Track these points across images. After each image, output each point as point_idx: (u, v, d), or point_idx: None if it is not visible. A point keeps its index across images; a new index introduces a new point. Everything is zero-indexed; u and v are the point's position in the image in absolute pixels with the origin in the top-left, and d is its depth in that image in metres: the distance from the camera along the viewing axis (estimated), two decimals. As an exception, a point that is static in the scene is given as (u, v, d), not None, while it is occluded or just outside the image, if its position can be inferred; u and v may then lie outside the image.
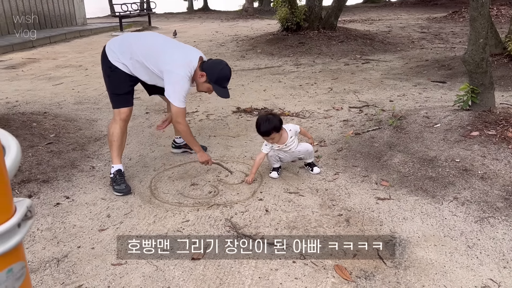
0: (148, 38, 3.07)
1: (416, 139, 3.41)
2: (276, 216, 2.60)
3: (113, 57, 2.94)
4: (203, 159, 3.13)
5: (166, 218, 2.62)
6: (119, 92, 3.03)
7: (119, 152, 3.07)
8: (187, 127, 3.02)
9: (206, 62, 2.98)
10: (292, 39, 9.08)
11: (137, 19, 14.95)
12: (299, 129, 3.15)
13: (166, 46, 2.97)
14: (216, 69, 2.93)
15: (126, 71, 2.97)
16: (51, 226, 2.56)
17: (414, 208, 2.64)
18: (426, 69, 6.51)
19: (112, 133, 3.04)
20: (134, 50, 2.92)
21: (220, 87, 2.99)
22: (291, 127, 3.09)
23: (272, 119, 2.94)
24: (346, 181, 3.04)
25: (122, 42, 3.00)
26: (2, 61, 8.42)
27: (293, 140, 3.08)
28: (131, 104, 3.10)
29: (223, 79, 2.97)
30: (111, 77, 3.00)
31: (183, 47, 3.03)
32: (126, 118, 3.07)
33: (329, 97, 5.22)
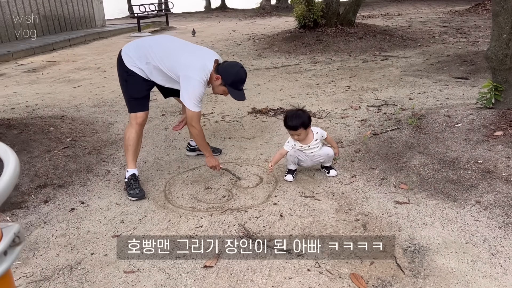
0: (164, 42, 3.04)
1: (436, 140, 3.30)
2: (290, 222, 2.55)
3: (129, 62, 2.94)
4: (211, 163, 3.09)
5: (180, 224, 2.59)
6: (137, 96, 3.03)
7: (134, 156, 3.07)
8: (200, 131, 2.99)
9: (221, 64, 2.95)
10: (309, 36, 8.97)
11: (155, 20, 15.05)
12: (326, 135, 3.09)
13: (182, 50, 2.95)
14: (231, 72, 2.91)
15: (142, 76, 2.96)
16: (65, 232, 2.56)
17: (434, 212, 2.55)
18: (447, 65, 6.33)
19: (128, 137, 3.04)
20: (150, 55, 2.91)
21: (235, 90, 2.96)
22: (318, 130, 3.04)
23: (301, 114, 2.91)
24: (363, 184, 2.96)
25: (138, 47, 2.99)
26: (23, 65, 8.58)
27: (317, 144, 3.02)
28: (147, 108, 3.09)
29: (238, 81, 2.94)
30: (129, 81, 3.00)
31: (198, 50, 3.01)
32: (142, 122, 3.07)
33: (346, 96, 5.12)
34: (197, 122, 2.94)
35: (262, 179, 3.15)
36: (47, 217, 2.74)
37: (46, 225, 2.65)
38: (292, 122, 2.91)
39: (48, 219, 2.70)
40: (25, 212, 2.79)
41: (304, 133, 2.94)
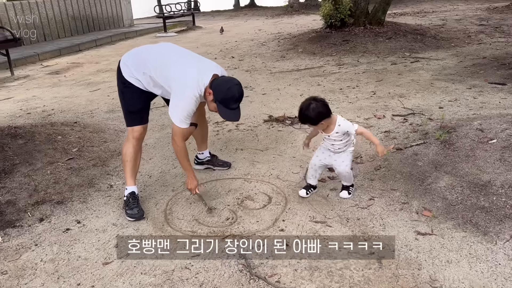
0: (164, 51, 2.85)
1: (466, 158, 2.95)
2: (297, 253, 2.30)
3: (127, 72, 2.77)
4: (188, 185, 2.84)
5: (176, 251, 2.38)
6: (133, 109, 2.85)
7: (133, 173, 2.90)
8: (182, 149, 2.74)
9: (216, 79, 2.68)
10: (336, 36, 8.61)
11: (182, 19, 14.98)
12: (355, 131, 2.64)
13: (179, 61, 2.73)
14: (223, 88, 2.60)
15: (140, 87, 2.78)
16: (55, 257, 2.40)
17: (461, 247, 2.23)
18: (483, 68, 5.87)
19: (125, 153, 2.87)
20: (146, 65, 2.73)
21: (225, 108, 2.64)
22: (341, 123, 2.62)
23: (308, 111, 2.54)
24: (381, 209, 2.67)
25: (136, 56, 2.82)
26: (48, 66, 8.63)
27: (340, 138, 2.66)
28: (145, 122, 2.91)
29: (229, 99, 2.61)
30: (125, 93, 2.83)
31: (197, 62, 2.77)
32: (139, 137, 2.89)
33: (371, 103, 4.79)
34: (180, 138, 2.70)
35: (271, 199, 2.90)
36: (39, 238, 2.58)
37: (37, 247, 2.49)
38: (299, 118, 2.65)
39: (40, 241, 2.55)
40: (18, 231, 2.65)
41: (324, 125, 2.60)
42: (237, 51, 9.07)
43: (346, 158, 2.72)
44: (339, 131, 2.64)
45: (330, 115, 2.59)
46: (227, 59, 8.15)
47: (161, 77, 2.67)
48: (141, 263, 2.30)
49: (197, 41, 10.99)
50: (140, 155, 2.94)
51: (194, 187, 2.84)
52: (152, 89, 2.78)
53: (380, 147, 2.65)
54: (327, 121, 2.59)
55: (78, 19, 12.76)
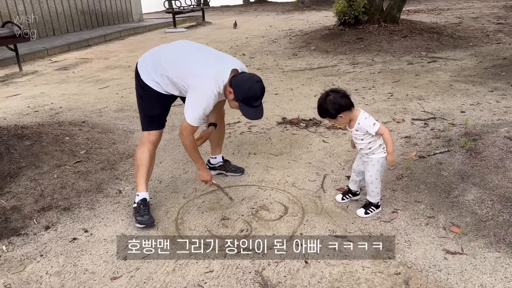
0: (177, 49, 2.71)
1: (496, 169, 2.78)
2: (317, 271, 2.15)
3: (145, 74, 2.65)
4: (203, 177, 2.76)
5: (188, 266, 2.25)
6: (152, 114, 2.74)
7: (146, 178, 2.77)
8: (192, 143, 2.64)
9: (236, 77, 2.55)
10: (350, 34, 8.40)
11: (191, 14, 14.83)
12: (375, 133, 2.39)
13: (196, 57, 2.61)
14: (244, 87, 2.50)
15: (159, 90, 2.65)
16: (61, 269, 2.28)
17: (495, 270, 2.07)
18: (504, 69, 5.65)
19: (140, 157, 2.74)
20: (163, 65, 2.61)
21: (247, 107, 2.56)
22: (361, 121, 2.39)
23: (323, 104, 2.37)
24: (406, 223, 2.51)
25: (153, 57, 2.70)
26: (56, 62, 8.53)
27: (361, 138, 2.45)
28: (163, 126, 2.81)
29: (251, 98, 2.52)
30: (144, 97, 2.72)
31: (215, 58, 2.64)
32: (156, 141, 2.78)
33: (388, 105, 4.62)
34: (190, 133, 2.60)
35: (287, 209, 2.75)
36: (45, 248, 2.46)
37: (43, 258, 2.37)
38: (318, 111, 2.46)
39: (46, 251, 2.43)
40: (23, 240, 2.53)
41: (344, 119, 2.40)
42: (248, 48, 8.90)
43: (371, 168, 2.52)
44: (359, 130, 2.43)
45: (351, 108, 2.38)
46: (238, 57, 7.98)
47: (178, 75, 2.55)
48: (151, 279, 2.17)
49: (207, 37, 10.84)
50: (154, 160, 2.84)
51: (210, 177, 2.77)
52: (170, 90, 2.67)
53: (391, 157, 2.43)
54: (347, 114, 2.38)
55: (87, 13, 12.65)
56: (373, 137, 2.44)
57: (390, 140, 2.42)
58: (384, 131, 2.40)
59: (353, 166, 2.70)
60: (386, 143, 2.43)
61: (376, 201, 2.59)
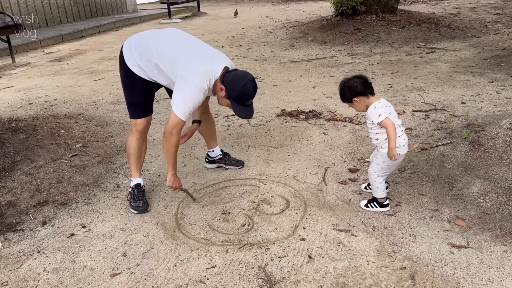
0: (170, 37, 2.60)
1: (499, 161, 2.75)
2: (321, 266, 2.11)
3: (130, 59, 2.55)
4: (174, 183, 2.60)
5: (189, 261, 2.20)
6: (135, 102, 2.67)
7: (137, 165, 2.78)
8: (177, 144, 2.50)
9: (228, 74, 2.47)
10: (347, 25, 8.32)
11: (186, 5, 14.64)
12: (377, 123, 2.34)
13: (187, 49, 2.51)
14: (237, 85, 2.43)
15: (143, 76, 2.57)
16: (59, 266, 2.22)
17: (502, 264, 2.04)
18: (503, 60, 5.61)
19: (129, 146, 2.75)
20: (152, 51, 2.49)
21: (240, 105, 2.50)
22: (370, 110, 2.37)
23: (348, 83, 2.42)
24: (410, 216, 2.47)
25: (141, 41, 2.58)
26: (50, 53, 8.39)
27: (370, 127, 2.44)
28: (149, 114, 2.73)
29: (244, 96, 2.47)
30: (127, 83, 2.63)
31: (207, 52, 2.55)
32: (143, 130, 2.73)
33: (388, 97, 4.56)
34: (178, 131, 2.46)
35: (289, 203, 2.71)
36: (42, 244, 2.40)
37: (40, 255, 2.31)
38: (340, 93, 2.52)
39: (43, 247, 2.37)
40: (19, 236, 2.48)
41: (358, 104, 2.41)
42: (245, 39, 8.80)
43: (375, 161, 2.48)
44: (367, 117, 2.42)
45: (367, 94, 2.37)
46: (235, 48, 7.90)
47: (168, 65, 2.45)
48: (152, 275, 2.12)
49: (202, 28, 10.71)
50: (145, 147, 2.81)
51: (179, 185, 2.63)
52: (156, 78, 2.57)
53: (390, 152, 2.35)
54: (362, 100, 2.38)
55: (80, 4, 12.45)
56: (380, 128, 2.39)
57: (393, 136, 2.33)
58: (387, 125, 2.33)
59: (370, 156, 2.67)
60: (388, 137, 2.36)
61: (378, 196, 2.52)
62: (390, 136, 2.34)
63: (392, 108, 2.42)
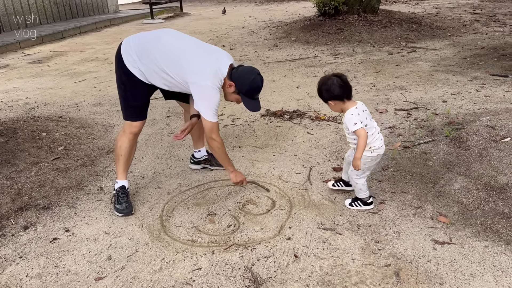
0: (171, 41, 2.58)
1: (480, 158, 2.80)
2: (307, 265, 2.12)
3: (129, 61, 2.52)
4: (237, 179, 2.70)
5: (175, 264, 2.19)
6: (135, 104, 2.65)
7: (125, 167, 2.76)
8: (222, 145, 2.62)
9: (235, 70, 2.53)
10: (330, 25, 8.38)
11: (169, 5, 14.55)
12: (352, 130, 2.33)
13: (191, 52, 2.51)
14: (246, 79, 2.51)
15: (142, 79, 2.56)
16: (42, 271, 2.19)
17: (484, 258, 2.08)
18: (482, 59, 5.73)
19: (120, 146, 2.71)
20: (154, 55, 2.48)
21: (250, 99, 2.60)
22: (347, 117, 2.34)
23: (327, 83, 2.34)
24: (394, 214, 2.51)
25: (140, 44, 2.56)
26: (30, 55, 8.25)
27: (347, 132, 2.42)
28: (145, 117, 2.73)
29: (253, 90, 2.56)
30: (127, 86, 2.61)
31: (210, 52, 2.56)
32: (137, 132, 2.73)
33: (371, 96, 4.62)
34: (217, 133, 2.57)
35: (275, 202, 2.71)
36: (24, 249, 2.36)
37: (22, 260, 2.27)
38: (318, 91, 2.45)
39: (25, 252, 2.33)
40: (0, 242, 2.43)
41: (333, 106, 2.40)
42: (228, 39, 8.79)
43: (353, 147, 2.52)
44: (344, 122, 2.41)
45: (343, 99, 2.34)
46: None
47: (174, 70, 2.47)
48: (137, 278, 2.10)
49: (186, 28, 10.66)
50: (134, 150, 2.82)
51: (243, 178, 2.72)
52: (155, 81, 2.57)
53: (355, 162, 2.37)
54: (337, 104, 2.37)
55: (60, 4, 12.26)
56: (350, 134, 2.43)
57: (362, 146, 2.33)
58: (360, 135, 2.32)
59: (345, 155, 2.69)
60: (357, 147, 2.36)
61: (362, 197, 2.55)
62: (359, 147, 2.34)
63: (367, 112, 2.41)
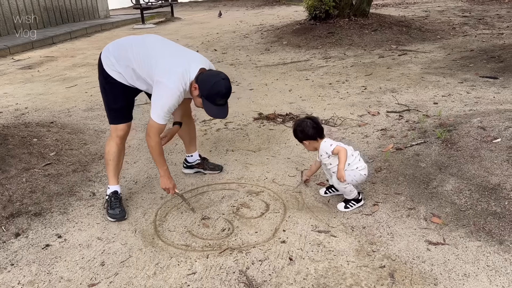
0: (146, 43, 2.58)
1: (471, 159, 2.82)
2: (302, 268, 2.12)
3: (108, 65, 2.55)
4: (164, 185, 2.64)
5: (169, 268, 2.17)
6: (116, 107, 2.64)
7: (115, 172, 2.75)
8: (157, 144, 2.53)
9: (202, 73, 2.47)
10: (321, 28, 8.43)
11: (160, 10, 14.55)
12: (331, 151, 2.49)
13: (164, 54, 2.50)
14: (208, 83, 2.40)
15: (122, 82, 2.56)
16: (34, 278, 2.16)
17: (477, 259, 2.09)
18: (472, 61, 5.79)
19: (108, 152, 2.70)
20: (129, 57, 2.50)
21: (211, 104, 2.45)
22: (322, 146, 2.53)
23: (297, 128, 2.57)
24: (387, 216, 2.51)
25: (118, 48, 2.58)
26: (20, 60, 8.18)
27: (330, 162, 2.55)
28: (129, 119, 2.71)
29: (215, 95, 2.42)
30: (107, 89, 2.62)
31: (184, 55, 2.54)
32: (123, 135, 2.70)
33: (363, 98, 4.64)
34: (156, 134, 2.49)
35: (269, 206, 2.71)
36: (16, 256, 2.33)
37: (14, 267, 2.24)
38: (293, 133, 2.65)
39: (17, 260, 2.30)
40: (-9, 249, 2.40)
41: (308, 145, 2.60)
42: (220, 43, 8.80)
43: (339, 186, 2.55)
44: (322, 154, 2.56)
45: (317, 138, 2.53)
46: (210, 52, 7.88)
47: (144, 69, 2.46)
48: (131, 284, 2.08)
49: (177, 33, 10.65)
50: (123, 153, 2.79)
51: (172, 186, 2.64)
52: (135, 83, 2.57)
53: (339, 174, 2.44)
54: (312, 143, 2.57)
55: (50, 9, 12.20)
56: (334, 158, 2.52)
57: (344, 159, 2.45)
58: (339, 150, 2.47)
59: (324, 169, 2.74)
60: (339, 159, 2.47)
61: (351, 197, 2.58)
62: (342, 159, 2.46)
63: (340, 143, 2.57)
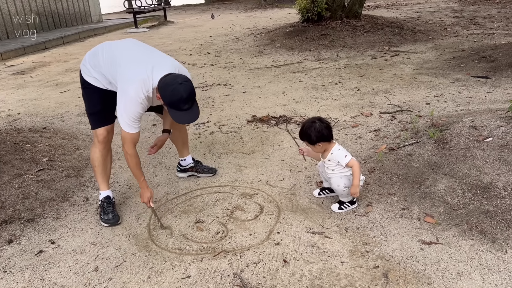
0: (115, 48, 2.56)
1: (463, 158, 2.84)
2: (296, 269, 2.12)
3: (85, 71, 2.57)
4: (143, 198, 2.59)
5: (164, 273, 2.17)
6: (94, 111, 2.63)
7: (104, 177, 2.74)
8: (133, 157, 2.48)
9: (161, 79, 2.33)
10: (314, 30, 8.46)
11: (153, 14, 14.55)
12: (345, 164, 2.48)
13: (131, 59, 2.45)
14: (167, 91, 2.28)
15: (99, 86, 2.54)
16: (28, 285, 2.14)
17: (470, 257, 2.11)
18: (464, 61, 5.83)
19: (92, 158, 2.71)
20: (100, 63, 2.50)
21: (176, 111, 2.33)
22: (335, 151, 2.51)
23: (309, 130, 2.50)
24: (381, 216, 2.52)
25: (93, 54, 2.58)
26: (12, 66, 8.14)
27: (333, 168, 2.55)
28: (108, 123, 2.66)
29: (177, 101, 2.29)
30: (85, 95, 2.65)
31: (148, 61, 2.43)
32: (104, 140, 2.66)
33: (356, 100, 4.66)
34: (129, 145, 2.44)
35: (263, 208, 2.71)
36: (9, 263, 2.32)
37: (6, 274, 2.23)
38: (300, 134, 2.61)
39: (10, 266, 2.29)
40: (-16, 256, 2.38)
41: (320, 148, 2.53)
42: (213, 46, 8.80)
43: (340, 181, 2.54)
44: (331, 159, 2.55)
45: (330, 140, 2.53)
46: (203, 55, 7.89)
47: (111, 75, 2.45)
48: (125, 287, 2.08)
49: (170, 37, 10.65)
50: (110, 158, 2.77)
51: (148, 200, 2.58)
52: (110, 87, 2.55)
53: (354, 190, 2.47)
54: (325, 145, 2.53)
55: (43, 14, 12.16)
56: (343, 168, 2.52)
57: (358, 174, 2.48)
58: (354, 164, 2.49)
59: (319, 170, 2.75)
60: (353, 175, 2.50)
61: (348, 200, 2.59)
62: (356, 174, 2.48)
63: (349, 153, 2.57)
